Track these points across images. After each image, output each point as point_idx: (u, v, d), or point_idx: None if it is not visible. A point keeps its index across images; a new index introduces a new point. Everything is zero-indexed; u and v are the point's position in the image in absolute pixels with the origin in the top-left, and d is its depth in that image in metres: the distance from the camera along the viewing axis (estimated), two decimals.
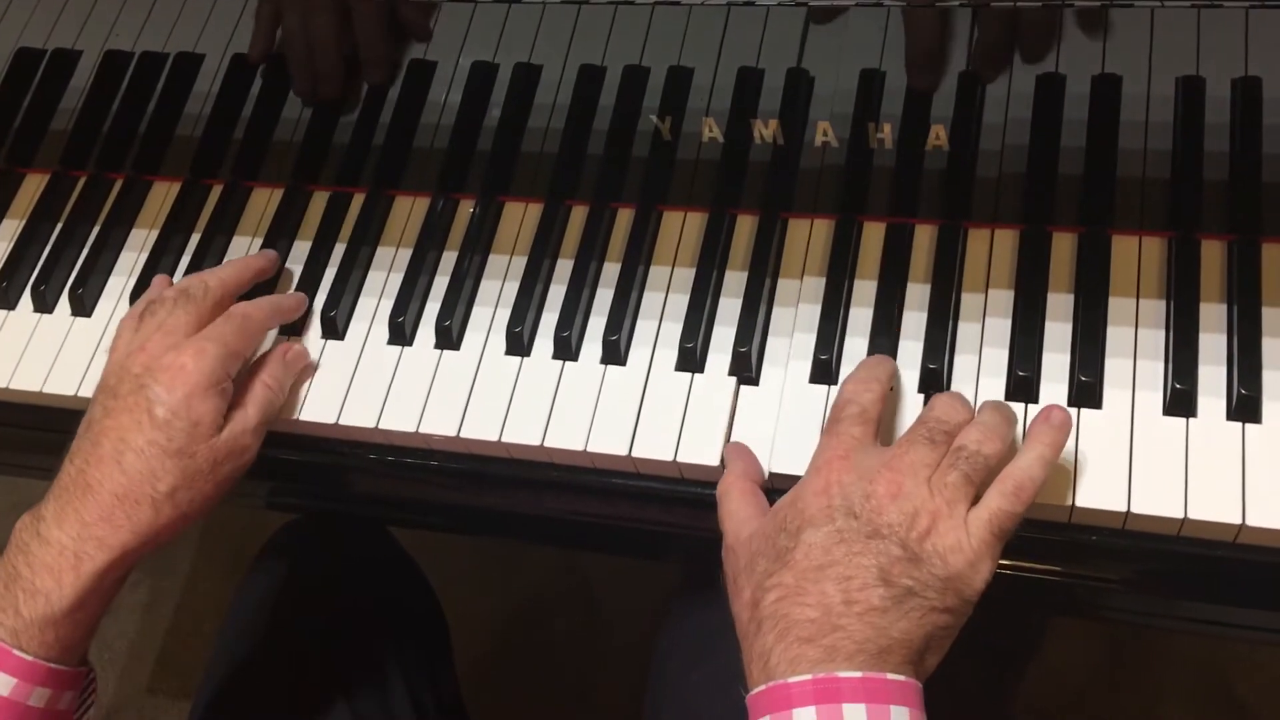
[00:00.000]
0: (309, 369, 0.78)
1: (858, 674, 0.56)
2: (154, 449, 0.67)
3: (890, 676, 0.56)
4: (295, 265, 0.84)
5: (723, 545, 0.64)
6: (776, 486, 0.68)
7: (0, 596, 0.65)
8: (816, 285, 0.75)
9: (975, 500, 0.60)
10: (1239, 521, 0.63)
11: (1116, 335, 0.69)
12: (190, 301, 0.73)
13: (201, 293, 0.73)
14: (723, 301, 0.76)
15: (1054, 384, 0.69)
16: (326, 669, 0.90)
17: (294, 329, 0.80)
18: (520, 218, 0.82)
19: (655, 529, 0.75)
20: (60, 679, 0.66)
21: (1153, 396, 0.67)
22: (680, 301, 0.76)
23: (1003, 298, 0.72)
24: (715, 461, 0.70)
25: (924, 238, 0.75)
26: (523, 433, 0.74)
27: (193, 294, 0.73)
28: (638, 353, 0.75)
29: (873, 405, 0.65)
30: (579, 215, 0.81)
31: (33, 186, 0.92)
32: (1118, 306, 0.70)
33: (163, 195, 0.89)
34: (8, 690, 0.64)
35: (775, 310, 0.75)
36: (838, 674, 0.56)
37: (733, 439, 0.71)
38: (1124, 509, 0.64)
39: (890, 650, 0.57)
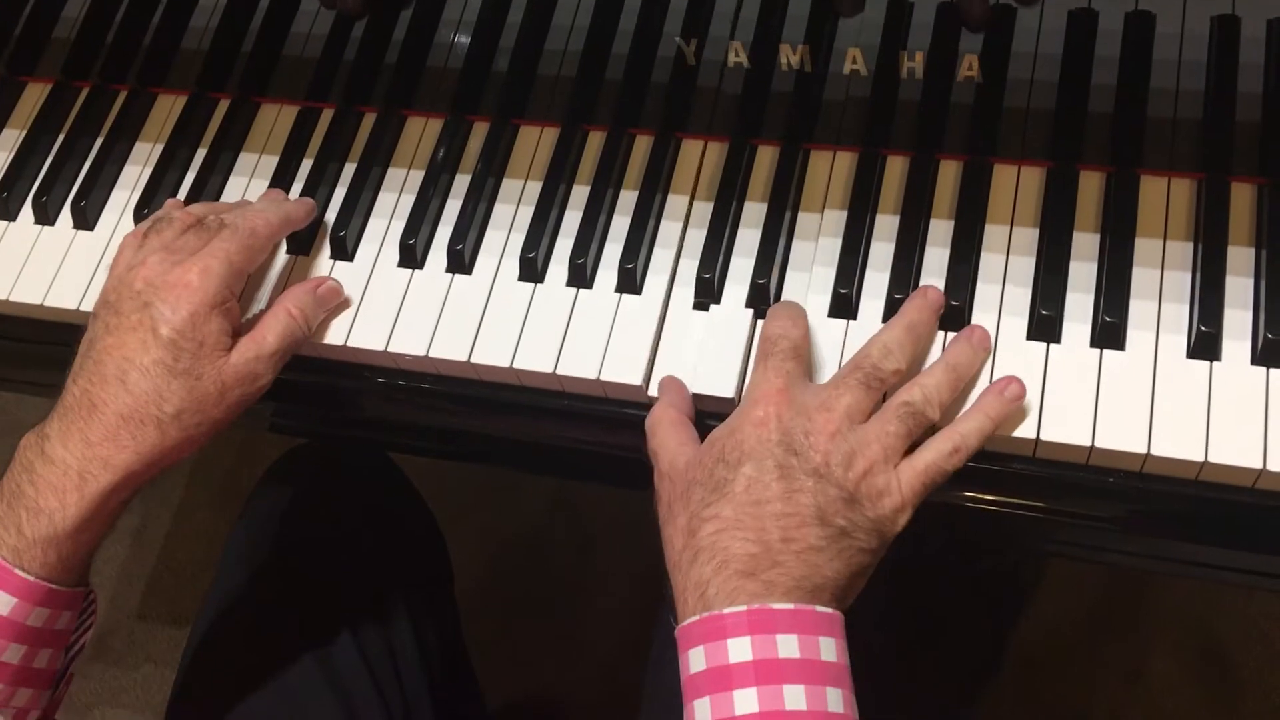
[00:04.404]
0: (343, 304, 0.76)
1: (790, 606, 0.57)
2: (159, 368, 0.65)
3: (819, 609, 0.58)
4: (303, 184, 0.82)
5: (655, 473, 0.65)
6: None
7: (3, 515, 0.64)
8: (838, 218, 0.74)
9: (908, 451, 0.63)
10: (1260, 466, 0.63)
11: (1142, 276, 0.69)
12: (202, 229, 0.70)
13: (215, 225, 0.71)
14: (741, 232, 0.75)
15: (1077, 324, 0.68)
16: (329, 596, 0.89)
17: (303, 249, 0.79)
18: (535, 141, 0.81)
19: None
20: (60, 599, 0.65)
21: (1177, 339, 0.67)
22: (698, 231, 0.75)
23: (1028, 236, 0.71)
24: (731, 393, 0.70)
25: (949, 173, 0.74)
26: (535, 360, 0.73)
27: (208, 225, 0.71)
28: (653, 281, 0.74)
29: (803, 341, 0.66)
30: (596, 140, 0.80)
31: (34, 96, 0.89)
32: (1144, 248, 0.69)
33: (168, 108, 0.87)
34: (7, 610, 0.63)
35: (795, 243, 0.74)
36: (771, 605, 0.57)
37: (748, 373, 0.70)
38: (1144, 451, 0.64)
39: (822, 589, 0.59)
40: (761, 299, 0.72)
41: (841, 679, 0.58)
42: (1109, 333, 0.67)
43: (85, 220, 0.83)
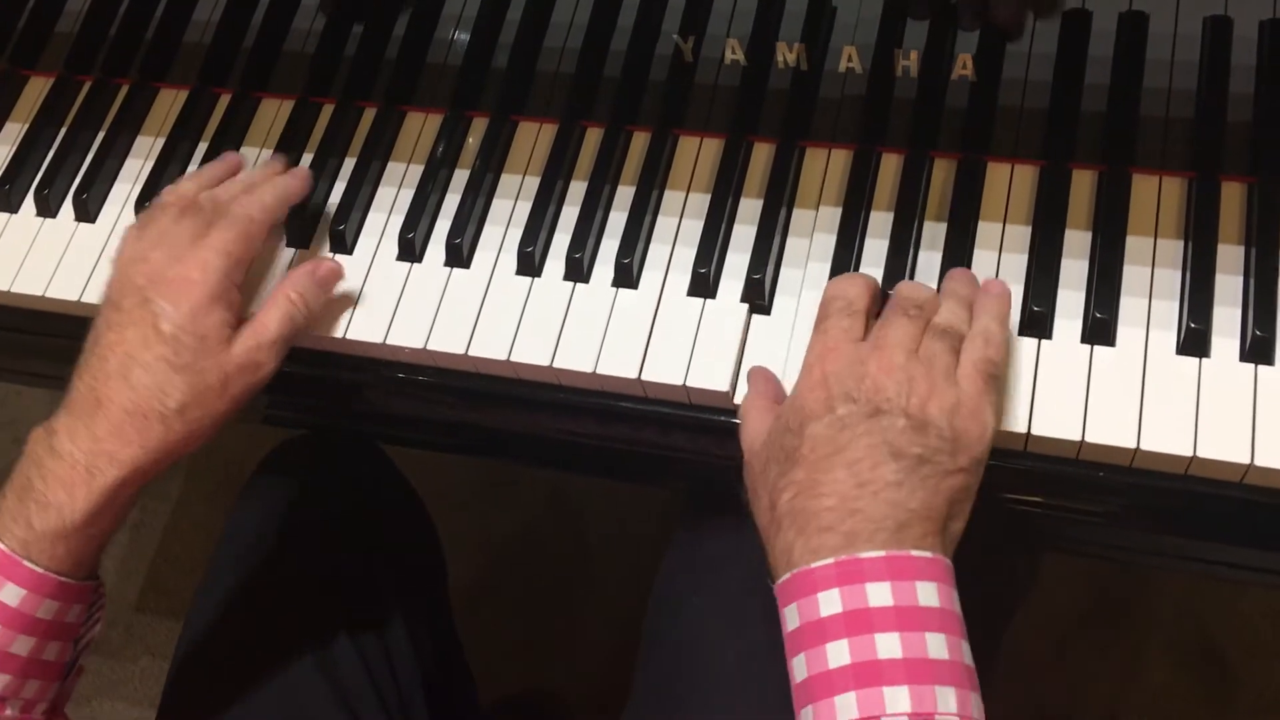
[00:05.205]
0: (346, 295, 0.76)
1: (880, 553, 0.56)
2: (161, 364, 0.66)
3: (914, 553, 0.56)
4: None
5: (743, 463, 0.64)
6: None
7: (13, 508, 0.65)
8: (832, 215, 0.75)
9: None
10: (1247, 461, 0.63)
11: (1133, 274, 0.69)
12: (196, 212, 0.71)
13: (208, 204, 0.72)
14: (737, 228, 0.75)
15: (1068, 320, 0.69)
16: (321, 590, 0.90)
17: (303, 242, 0.80)
18: (534, 137, 0.81)
19: (662, 453, 0.75)
20: (69, 592, 0.66)
21: (1166, 335, 0.67)
22: (694, 227, 0.76)
23: (1020, 233, 0.72)
24: (725, 387, 0.70)
25: (943, 171, 0.75)
26: (531, 353, 0.73)
27: (200, 205, 0.71)
28: (650, 276, 0.75)
29: (859, 298, 0.65)
30: (594, 137, 0.80)
31: (36, 89, 0.90)
32: (1135, 245, 0.70)
33: (169, 102, 0.88)
34: (16, 601, 0.63)
35: (790, 239, 0.75)
36: (859, 555, 0.56)
37: (744, 366, 0.71)
38: (1133, 446, 0.65)
39: (909, 524, 0.57)
40: (756, 294, 0.73)
41: (946, 623, 0.56)
42: (1100, 329, 0.68)
43: (87, 213, 0.83)
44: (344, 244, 0.79)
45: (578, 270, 0.75)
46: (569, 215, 0.78)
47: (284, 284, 0.72)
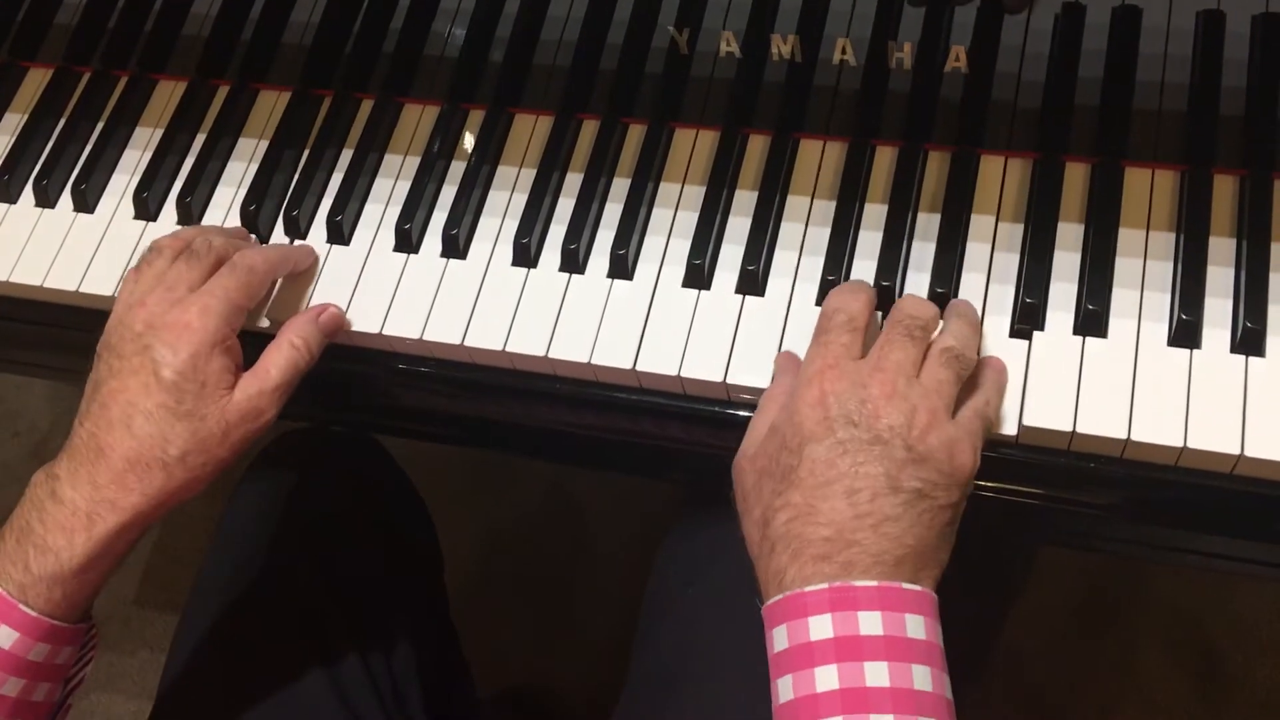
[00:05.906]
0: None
1: (873, 583, 0.56)
2: (163, 411, 0.65)
3: (906, 586, 0.57)
4: (301, 170, 0.83)
5: (733, 465, 0.64)
6: None
7: (11, 551, 0.65)
8: (827, 207, 0.75)
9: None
10: (1237, 452, 0.64)
11: (1125, 266, 0.70)
12: (193, 258, 0.70)
13: (205, 250, 0.71)
14: (732, 220, 0.76)
15: (1060, 312, 0.69)
16: (316, 582, 0.90)
17: (300, 234, 0.80)
18: (530, 130, 0.82)
19: (658, 444, 0.76)
20: (62, 635, 0.66)
21: (1158, 327, 0.68)
22: (689, 219, 0.76)
23: (1013, 226, 0.72)
24: (719, 378, 0.71)
25: (937, 163, 0.75)
26: (527, 343, 0.74)
27: (196, 250, 0.71)
28: (645, 267, 0.75)
29: (861, 314, 0.65)
30: (590, 129, 0.81)
31: (36, 81, 0.91)
32: (1127, 238, 0.70)
33: (168, 94, 0.88)
34: (9, 644, 0.63)
35: (784, 231, 0.75)
36: (853, 583, 0.56)
37: (735, 358, 0.71)
38: (1124, 437, 0.65)
39: (904, 560, 0.57)
40: (751, 286, 0.73)
41: (930, 656, 0.56)
42: (1092, 321, 0.68)
43: (85, 203, 0.84)
44: (341, 235, 0.79)
45: (573, 261, 0.75)
46: (565, 207, 0.78)
47: (286, 329, 0.72)
